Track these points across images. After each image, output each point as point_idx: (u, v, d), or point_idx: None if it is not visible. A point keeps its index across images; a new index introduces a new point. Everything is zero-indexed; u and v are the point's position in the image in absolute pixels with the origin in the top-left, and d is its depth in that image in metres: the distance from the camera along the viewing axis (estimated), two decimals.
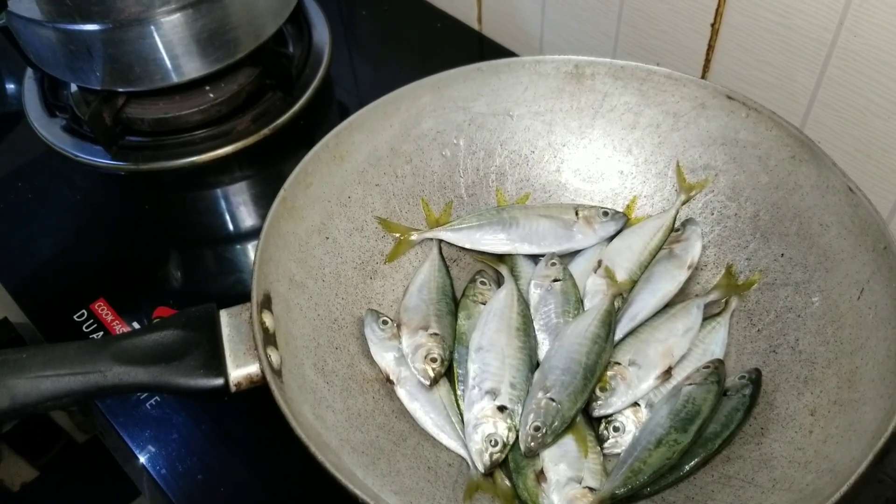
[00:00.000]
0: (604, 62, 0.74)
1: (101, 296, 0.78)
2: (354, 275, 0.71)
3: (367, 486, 0.55)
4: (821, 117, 0.75)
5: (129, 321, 0.76)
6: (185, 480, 0.67)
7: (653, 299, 0.68)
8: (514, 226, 0.73)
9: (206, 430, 0.69)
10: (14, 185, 0.89)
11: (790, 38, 0.73)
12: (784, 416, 0.61)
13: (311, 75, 0.96)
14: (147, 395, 0.71)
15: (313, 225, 0.69)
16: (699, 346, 0.66)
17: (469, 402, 0.62)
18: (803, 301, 0.66)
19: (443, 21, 1.05)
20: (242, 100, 0.92)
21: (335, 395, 0.62)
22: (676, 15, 0.81)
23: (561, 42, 0.96)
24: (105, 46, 0.81)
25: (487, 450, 0.60)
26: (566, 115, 0.77)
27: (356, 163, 0.72)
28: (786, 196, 0.69)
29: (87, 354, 0.56)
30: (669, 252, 0.71)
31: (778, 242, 0.69)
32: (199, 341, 0.58)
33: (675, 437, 0.59)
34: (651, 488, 0.59)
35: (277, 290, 0.63)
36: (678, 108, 0.73)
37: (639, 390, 0.63)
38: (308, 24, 1.01)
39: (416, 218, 0.75)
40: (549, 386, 0.62)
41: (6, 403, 0.53)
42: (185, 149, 0.89)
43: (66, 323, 0.76)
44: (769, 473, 0.58)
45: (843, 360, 0.61)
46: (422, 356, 0.65)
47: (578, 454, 0.60)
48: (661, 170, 0.75)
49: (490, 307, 0.68)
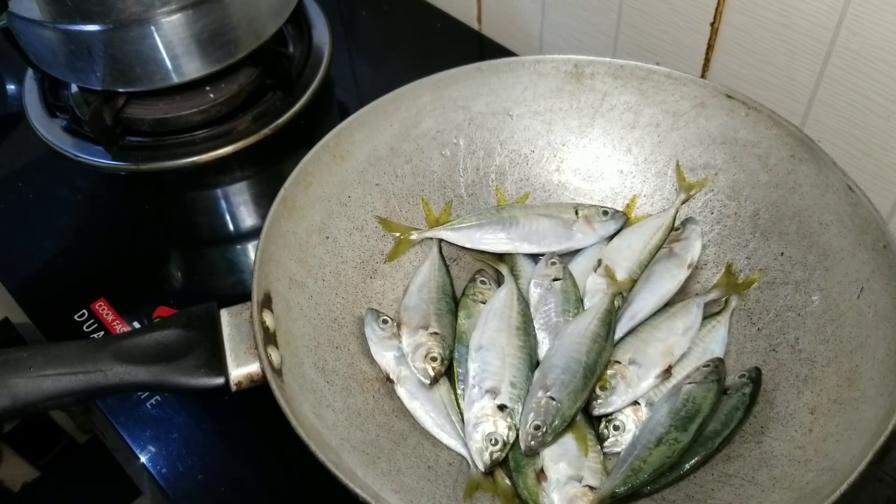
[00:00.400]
0: (603, 61, 0.74)
1: (101, 296, 0.78)
2: (354, 274, 0.71)
3: (368, 485, 0.55)
4: (820, 116, 0.75)
5: (129, 321, 0.76)
6: (185, 480, 0.67)
7: (653, 298, 0.68)
8: (513, 225, 0.73)
9: (207, 429, 0.70)
10: (14, 185, 0.89)
11: (790, 37, 0.73)
12: (784, 414, 0.61)
13: (311, 75, 0.96)
14: (148, 395, 0.71)
15: (313, 224, 0.69)
16: (699, 345, 0.66)
17: (469, 400, 0.62)
18: (803, 300, 0.66)
19: (443, 21, 1.05)
20: (243, 100, 0.92)
21: (335, 395, 0.62)
22: (676, 14, 0.81)
23: (561, 41, 0.96)
24: (105, 47, 0.81)
25: (487, 449, 0.60)
26: (566, 114, 0.77)
27: (356, 162, 0.72)
28: (785, 195, 0.69)
29: (88, 354, 0.56)
30: (669, 251, 0.71)
31: (778, 241, 0.69)
32: (200, 340, 0.58)
33: (675, 435, 0.59)
34: (651, 487, 0.59)
35: (278, 289, 0.63)
36: (678, 108, 0.73)
37: (639, 389, 0.63)
38: (308, 25, 1.02)
39: (416, 217, 0.76)
40: (549, 385, 0.62)
41: (8, 402, 0.54)
42: (186, 149, 0.89)
43: (66, 323, 0.76)
44: (769, 472, 0.58)
45: (842, 359, 0.61)
46: (422, 355, 0.65)
47: (579, 453, 0.60)
48: (661, 169, 0.75)
49: (490, 306, 0.68)
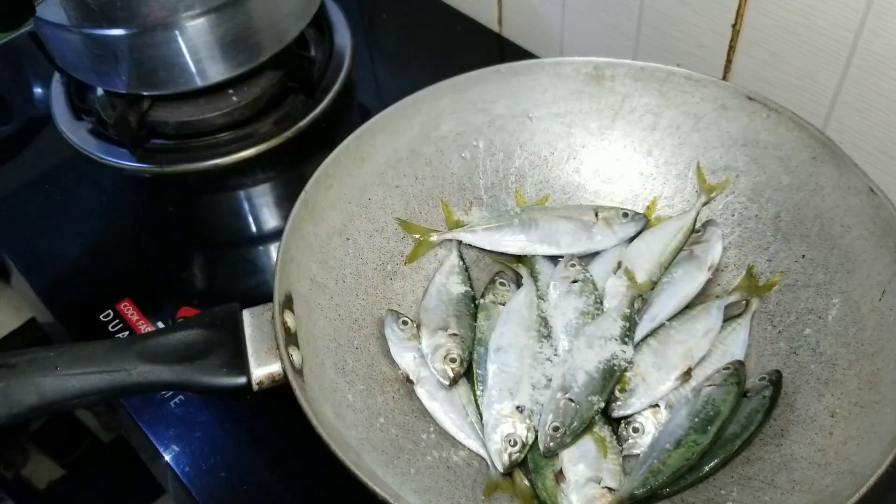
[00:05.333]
0: (623, 63, 0.74)
1: (126, 296, 0.79)
2: (374, 275, 0.72)
3: (387, 485, 0.55)
4: (842, 118, 0.75)
5: (153, 321, 0.77)
6: (208, 478, 0.67)
7: (673, 300, 0.68)
8: (533, 227, 0.73)
9: (229, 428, 0.70)
10: (41, 188, 0.91)
11: (811, 38, 0.73)
12: (804, 417, 0.61)
13: (332, 78, 0.97)
14: (171, 394, 0.72)
15: (334, 226, 0.70)
16: (719, 348, 0.66)
17: (488, 402, 0.63)
18: (824, 302, 0.65)
19: (463, 23, 1.06)
20: (265, 103, 0.93)
21: (355, 395, 0.63)
22: (697, 16, 0.81)
23: (581, 44, 0.96)
24: (131, 51, 0.82)
25: (506, 449, 0.60)
26: (586, 116, 0.77)
27: (377, 164, 0.73)
28: (807, 197, 0.68)
29: (113, 353, 0.57)
30: (690, 253, 0.71)
31: (799, 244, 0.69)
32: (223, 340, 0.59)
33: (694, 437, 0.59)
34: (670, 489, 0.59)
35: (299, 290, 0.64)
36: (698, 110, 0.73)
37: (658, 391, 0.63)
38: (330, 28, 1.02)
39: (436, 219, 0.76)
40: (568, 386, 0.62)
41: (35, 400, 0.55)
42: (209, 151, 0.90)
43: (92, 323, 0.77)
44: (789, 475, 0.58)
45: (864, 362, 0.60)
46: (441, 356, 0.65)
47: (597, 454, 0.60)
48: (682, 171, 0.75)
49: (509, 308, 0.69)
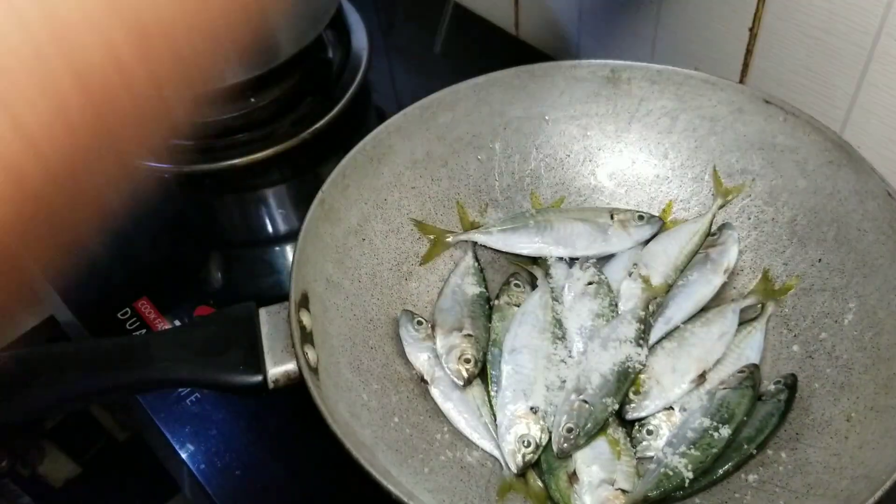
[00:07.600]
0: (640, 66, 0.74)
1: (144, 295, 0.79)
2: (390, 276, 0.72)
3: (402, 484, 0.56)
4: (860, 122, 0.75)
5: (170, 319, 0.78)
6: (223, 476, 0.68)
7: (688, 303, 0.68)
8: (548, 229, 0.73)
9: (245, 426, 0.71)
10: None
11: (829, 42, 0.73)
12: (820, 421, 0.61)
13: (349, 80, 0.97)
14: (187, 392, 0.72)
15: (350, 227, 0.70)
16: (734, 351, 0.66)
17: (502, 402, 0.63)
18: (840, 307, 0.65)
19: (480, 26, 1.06)
20: (282, 104, 0.93)
21: (370, 394, 0.63)
22: (715, 20, 0.81)
23: (598, 46, 0.96)
24: None
25: (520, 450, 0.60)
26: (602, 119, 0.77)
27: (393, 166, 0.73)
28: (824, 201, 0.68)
29: (131, 350, 0.58)
30: (705, 256, 0.71)
31: (815, 247, 0.68)
32: (239, 339, 0.59)
33: (708, 441, 0.59)
34: (684, 492, 0.59)
35: (315, 289, 0.64)
36: (715, 113, 0.73)
37: (672, 394, 0.63)
38: (347, 30, 1.03)
39: (452, 220, 0.76)
40: (582, 388, 0.62)
41: (53, 397, 0.55)
42: (227, 152, 0.91)
43: (110, 320, 0.78)
44: (803, 479, 0.57)
45: (880, 366, 0.60)
46: (455, 357, 0.65)
47: (611, 456, 0.60)
48: (698, 174, 0.75)
49: (524, 309, 0.69)
